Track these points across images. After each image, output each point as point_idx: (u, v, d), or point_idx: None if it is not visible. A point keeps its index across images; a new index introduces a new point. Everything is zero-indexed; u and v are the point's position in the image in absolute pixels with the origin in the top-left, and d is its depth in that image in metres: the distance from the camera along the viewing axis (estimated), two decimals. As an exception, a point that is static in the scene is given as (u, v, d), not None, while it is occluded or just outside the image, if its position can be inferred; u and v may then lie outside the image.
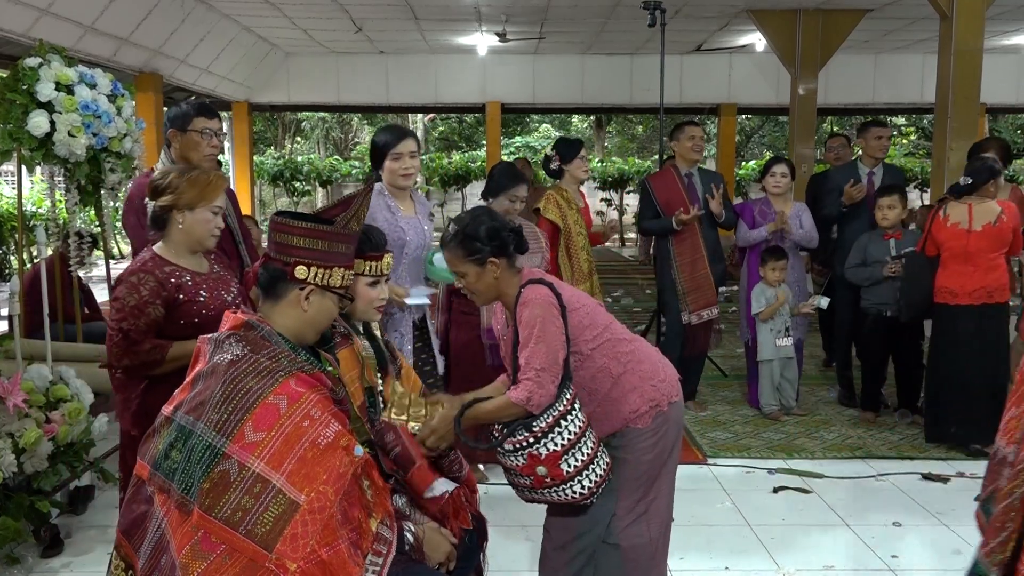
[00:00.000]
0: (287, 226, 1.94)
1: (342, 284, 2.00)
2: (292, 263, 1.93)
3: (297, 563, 1.70)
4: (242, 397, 1.78)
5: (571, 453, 2.32)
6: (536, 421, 2.30)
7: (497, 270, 2.44)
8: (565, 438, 2.31)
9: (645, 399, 2.46)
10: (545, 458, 2.30)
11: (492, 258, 2.42)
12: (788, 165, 5.28)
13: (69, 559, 3.32)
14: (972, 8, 6.36)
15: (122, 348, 2.52)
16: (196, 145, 3.42)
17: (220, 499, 1.73)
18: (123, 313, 2.52)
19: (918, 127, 23.10)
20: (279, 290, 1.95)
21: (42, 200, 11.33)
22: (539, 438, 2.30)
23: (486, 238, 2.42)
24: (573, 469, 2.32)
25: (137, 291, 2.51)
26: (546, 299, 2.39)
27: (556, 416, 2.31)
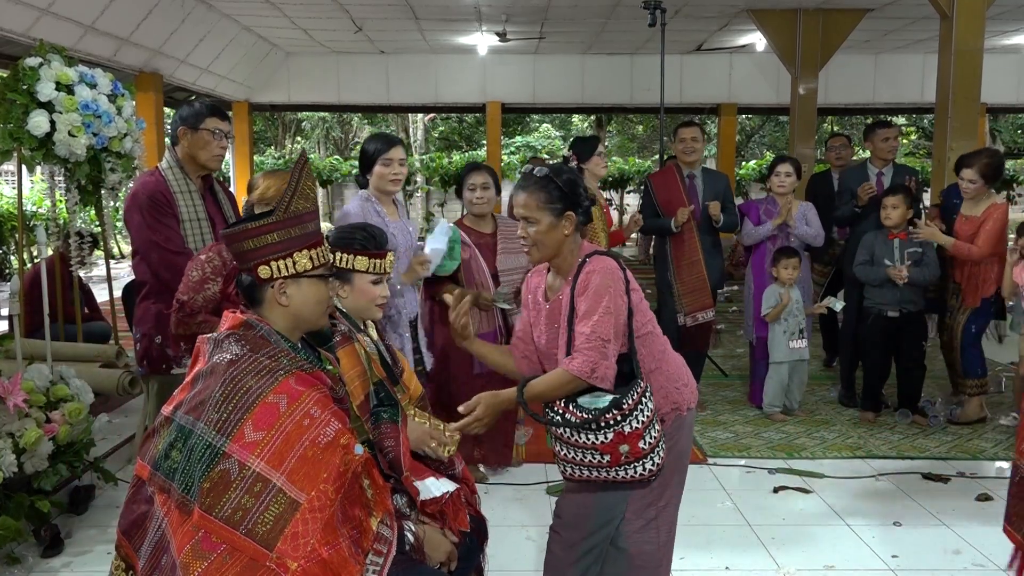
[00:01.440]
0: (234, 235, 1.92)
1: (315, 265, 1.94)
2: (253, 267, 1.92)
3: (298, 562, 1.69)
4: (242, 396, 1.78)
5: (648, 430, 2.27)
6: (625, 398, 2.24)
7: (569, 227, 2.36)
8: (646, 415, 2.26)
9: (668, 400, 2.44)
10: (629, 435, 2.24)
11: (569, 211, 2.35)
12: (793, 164, 5.27)
13: (69, 559, 3.32)
14: (972, 8, 6.36)
15: (178, 318, 2.81)
16: (206, 144, 3.45)
17: (220, 499, 1.72)
18: (186, 286, 2.81)
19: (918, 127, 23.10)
20: (256, 296, 1.95)
21: (42, 200, 11.33)
22: (627, 415, 2.23)
23: (568, 189, 2.36)
24: (648, 446, 2.27)
25: (202, 268, 2.80)
26: (616, 271, 2.33)
27: (640, 392, 2.26)
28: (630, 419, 2.24)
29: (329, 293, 2.01)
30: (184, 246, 3.40)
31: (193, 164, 3.51)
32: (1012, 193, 18.06)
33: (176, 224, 3.41)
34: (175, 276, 3.26)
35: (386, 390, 2.34)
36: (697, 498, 3.87)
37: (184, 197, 3.47)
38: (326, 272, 1.99)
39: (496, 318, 4.02)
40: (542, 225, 2.35)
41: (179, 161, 3.50)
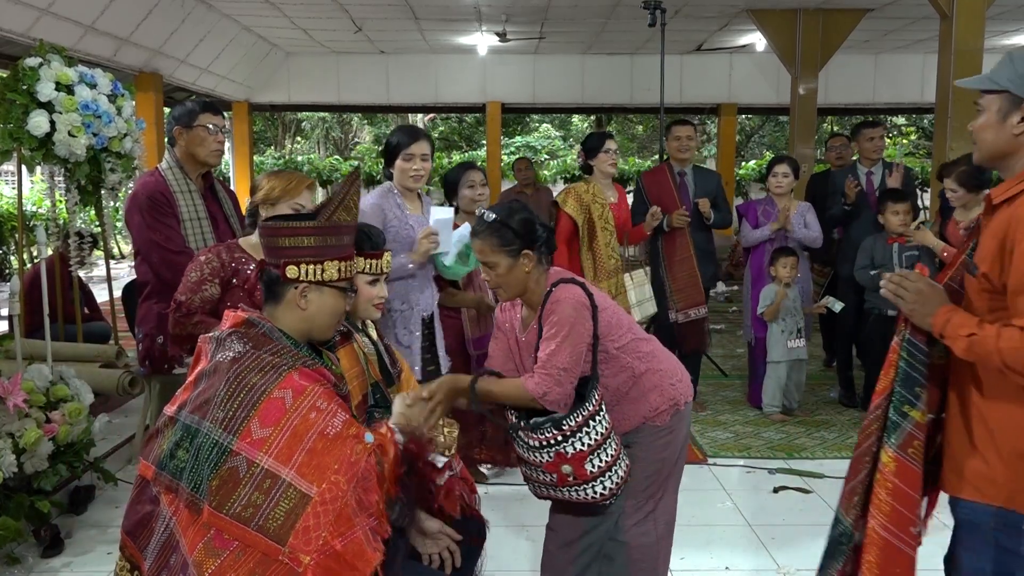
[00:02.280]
0: (274, 228, 1.95)
1: (341, 277, 1.98)
2: (283, 264, 1.93)
3: (311, 555, 1.69)
4: (247, 393, 1.78)
5: (596, 454, 2.31)
6: (566, 419, 2.29)
7: (529, 264, 2.41)
8: (592, 438, 2.31)
9: (665, 397, 2.48)
10: (572, 457, 2.30)
11: (526, 250, 2.40)
12: (791, 164, 5.28)
13: (69, 559, 3.32)
14: (972, 8, 6.36)
15: (175, 318, 2.83)
16: (202, 141, 3.45)
17: (230, 496, 1.73)
18: (184, 287, 2.82)
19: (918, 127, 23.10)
20: (277, 292, 1.96)
21: (42, 200, 11.33)
22: (567, 436, 2.29)
23: (521, 229, 2.40)
24: (597, 470, 2.32)
25: (201, 269, 2.80)
26: (579, 299, 2.38)
27: (585, 416, 2.30)
28: (572, 440, 2.28)
29: (345, 307, 2.03)
30: (185, 246, 3.40)
31: (192, 163, 3.51)
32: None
33: (177, 224, 3.41)
34: (176, 276, 3.26)
35: (381, 392, 2.34)
36: (697, 498, 3.87)
37: (184, 197, 3.47)
38: (348, 287, 2.01)
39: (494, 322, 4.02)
40: (501, 268, 2.41)
41: (178, 161, 3.50)
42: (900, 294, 1.89)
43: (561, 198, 4.63)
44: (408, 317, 3.44)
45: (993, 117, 1.86)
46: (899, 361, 1.91)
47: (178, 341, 2.91)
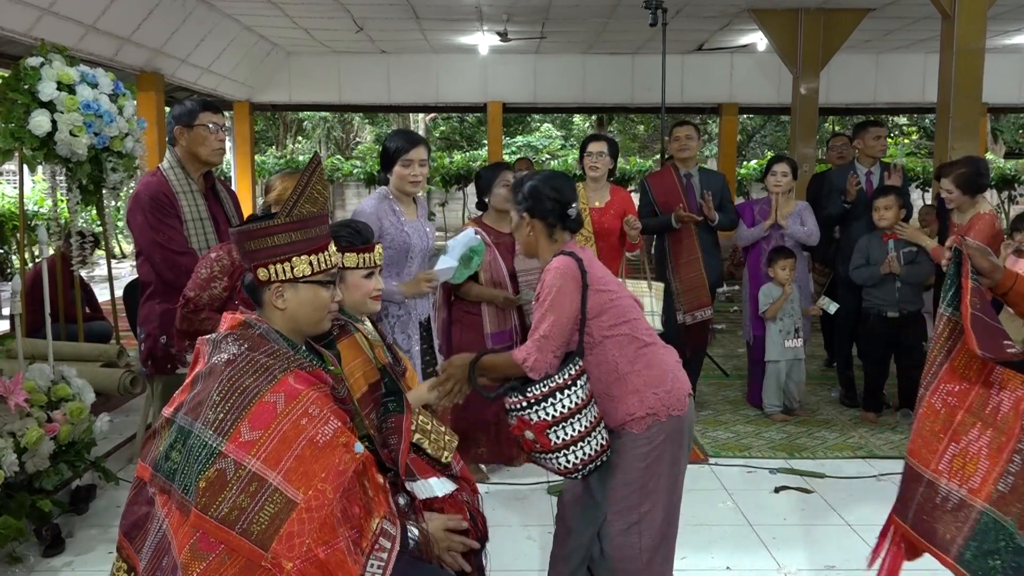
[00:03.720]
0: (238, 235, 1.93)
1: (315, 271, 1.93)
2: (253, 267, 1.92)
3: (293, 562, 1.68)
4: (239, 396, 1.77)
5: (562, 426, 2.36)
6: (531, 388, 2.36)
7: (530, 229, 2.55)
8: (558, 410, 2.35)
9: (644, 405, 2.43)
10: (535, 424, 2.37)
11: (527, 215, 2.54)
12: (789, 164, 5.28)
13: (70, 558, 3.32)
14: (974, 7, 6.35)
15: (182, 314, 2.86)
16: (203, 140, 3.45)
17: (216, 498, 1.72)
18: (194, 283, 2.85)
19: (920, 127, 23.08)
20: (257, 296, 1.96)
21: (43, 199, 11.34)
22: (531, 404, 2.36)
23: (527, 194, 2.53)
24: (561, 441, 2.37)
25: (211, 267, 2.83)
26: (567, 271, 2.43)
27: (552, 387, 2.35)
28: (537, 409, 2.36)
29: (329, 298, 1.99)
30: (187, 246, 3.40)
31: (194, 162, 3.51)
32: (1014, 193, 18.05)
33: (179, 224, 3.42)
34: (179, 276, 3.27)
35: (390, 376, 2.33)
36: (698, 498, 3.87)
37: (186, 197, 3.47)
38: (327, 278, 1.97)
39: (512, 318, 4.03)
40: (513, 223, 2.64)
41: (180, 161, 3.50)
42: None
43: None
44: (406, 322, 3.45)
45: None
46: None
47: (184, 337, 2.94)
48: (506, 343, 3.99)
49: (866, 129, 5.54)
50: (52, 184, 4.67)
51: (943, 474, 2.02)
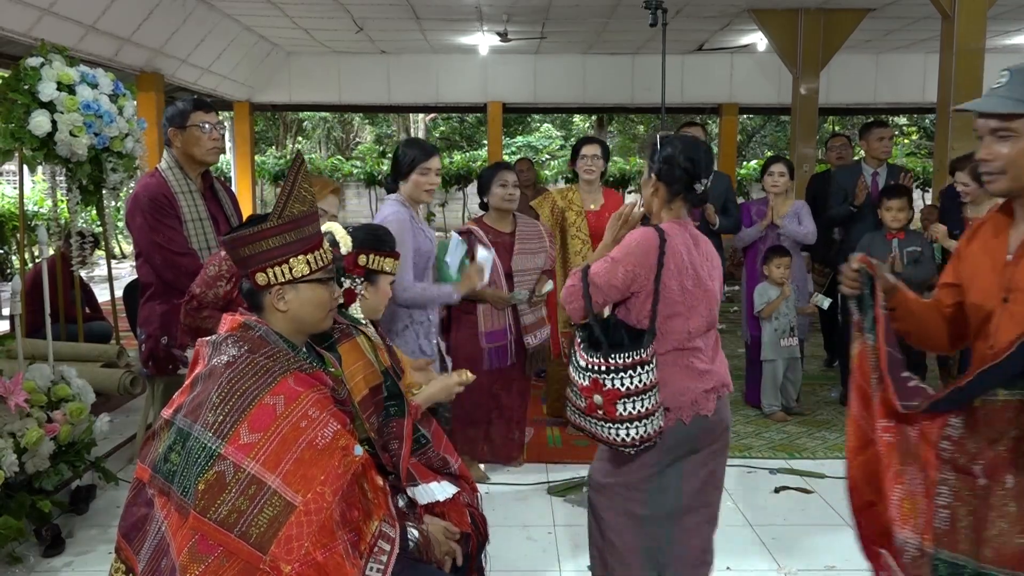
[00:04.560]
0: (231, 242, 1.92)
1: (313, 270, 1.93)
2: (251, 273, 1.91)
3: (291, 565, 1.68)
4: (238, 399, 1.77)
5: (631, 400, 2.33)
6: (615, 354, 2.32)
7: (655, 192, 2.50)
8: (632, 384, 2.32)
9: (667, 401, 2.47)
10: (607, 391, 2.34)
11: (654, 175, 2.49)
12: (787, 164, 5.29)
13: (70, 558, 3.32)
14: (974, 7, 6.35)
15: (186, 309, 2.89)
16: (197, 140, 3.44)
17: (215, 501, 1.72)
18: (201, 279, 2.88)
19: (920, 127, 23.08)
20: (257, 301, 1.95)
21: (43, 200, 11.34)
22: (610, 370, 2.33)
23: (660, 157, 2.48)
24: (627, 414, 2.34)
25: (219, 265, 2.86)
26: (646, 239, 2.40)
27: (634, 361, 2.33)
28: (614, 377, 2.33)
29: (330, 296, 1.98)
30: (187, 247, 3.40)
31: (191, 162, 3.51)
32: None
33: (179, 225, 3.41)
34: (179, 277, 3.27)
35: (392, 379, 2.34)
36: (698, 498, 3.87)
37: (185, 197, 3.47)
38: (325, 275, 1.96)
39: (506, 317, 4.03)
40: (643, 177, 2.60)
41: (177, 161, 3.50)
42: None
43: (537, 202, 4.65)
44: (428, 328, 3.48)
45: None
46: None
47: (188, 332, 2.97)
48: (500, 342, 4.00)
49: (870, 130, 5.56)
50: (52, 184, 4.67)
51: (897, 522, 1.86)
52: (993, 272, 1.84)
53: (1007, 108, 1.75)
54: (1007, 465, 1.69)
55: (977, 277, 1.89)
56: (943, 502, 1.78)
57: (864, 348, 1.96)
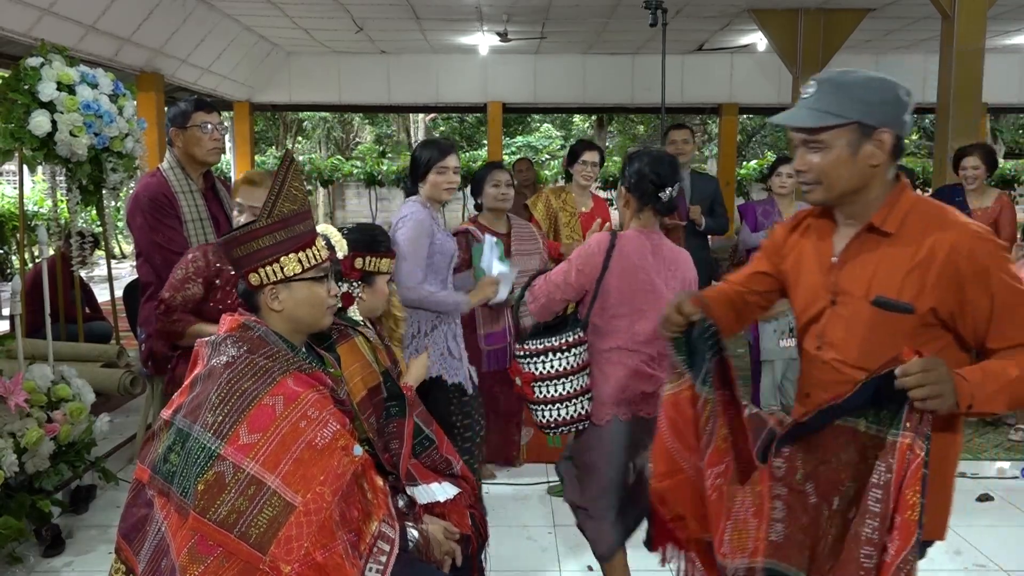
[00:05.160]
0: (225, 243, 1.93)
1: (306, 268, 1.92)
2: (244, 273, 1.92)
3: (291, 566, 1.68)
4: (238, 399, 1.77)
5: (548, 384, 2.61)
6: (530, 341, 2.63)
7: (626, 203, 2.72)
8: (547, 368, 2.60)
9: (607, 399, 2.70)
10: (524, 374, 2.64)
11: (624, 188, 2.72)
12: None
13: (71, 558, 3.32)
14: (974, 7, 6.36)
15: (157, 315, 2.88)
16: (198, 140, 3.45)
17: (215, 501, 1.72)
18: (169, 284, 2.86)
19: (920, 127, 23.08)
20: (253, 302, 1.95)
21: (43, 200, 11.34)
22: (527, 355, 2.63)
23: (630, 172, 2.70)
24: (543, 396, 2.63)
25: (187, 267, 2.83)
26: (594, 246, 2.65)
27: (547, 347, 2.60)
28: (530, 362, 2.63)
29: (325, 293, 1.98)
30: (187, 247, 3.40)
31: (192, 162, 3.51)
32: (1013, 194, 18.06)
33: (179, 225, 3.42)
34: (179, 277, 3.28)
35: (392, 379, 2.34)
36: (698, 498, 3.87)
37: (186, 197, 3.47)
38: (319, 273, 1.96)
39: (505, 318, 4.03)
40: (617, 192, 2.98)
41: (179, 161, 3.50)
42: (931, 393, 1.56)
43: (532, 201, 4.65)
44: (456, 330, 3.40)
45: (843, 153, 1.75)
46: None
47: (163, 337, 2.95)
48: (499, 344, 3.99)
49: None
50: (52, 184, 4.67)
51: (727, 556, 1.82)
52: (820, 272, 1.87)
53: (813, 121, 1.76)
54: (835, 487, 1.72)
55: (804, 275, 1.92)
56: (778, 516, 1.80)
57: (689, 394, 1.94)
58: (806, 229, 1.95)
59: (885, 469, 1.62)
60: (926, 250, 1.72)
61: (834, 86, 1.76)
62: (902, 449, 1.60)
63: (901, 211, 1.78)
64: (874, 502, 1.63)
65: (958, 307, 1.71)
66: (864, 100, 1.74)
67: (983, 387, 1.60)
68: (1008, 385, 1.63)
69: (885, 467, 1.62)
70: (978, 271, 1.69)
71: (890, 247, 1.77)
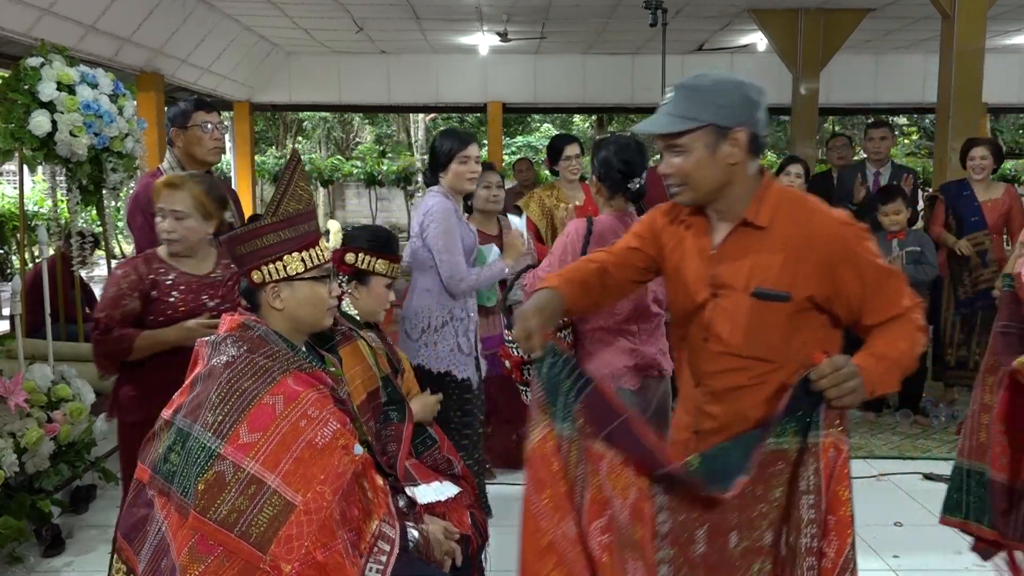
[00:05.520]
0: (230, 240, 1.94)
1: (308, 267, 1.93)
2: (247, 271, 1.92)
3: (292, 565, 1.68)
4: (238, 398, 1.77)
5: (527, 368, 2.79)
6: None
7: (598, 191, 2.85)
8: None
9: None
10: (513, 357, 2.84)
11: (595, 176, 2.84)
12: (803, 166, 5.31)
13: (71, 558, 3.32)
14: (974, 7, 6.35)
15: (94, 337, 2.69)
16: (199, 140, 3.45)
17: (215, 500, 1.72)
18: (102, 303, 2.70)
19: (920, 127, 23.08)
20: (254, 300, 1.95)
21: (43, 200, 11.34)
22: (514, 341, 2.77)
23: (600, 159, 2.81)
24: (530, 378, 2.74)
25: (118, 284, 2.66)
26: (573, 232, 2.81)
27: None
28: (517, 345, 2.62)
29: (327, 294, 1.98)
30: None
31: (193, 162, 3.51)
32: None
33: (178, 225, 3.41)
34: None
35: (392, 385, 2.34)
36: (698, 498, 3.87)
37: (186, 197, 3.46)
38: (321, 273, 1.96)
39: (500, 323, 4.02)
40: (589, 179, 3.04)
41: (179, 161, 3.50)
42: (845, 391, 1.69)
43: (524, 201, 4.65)
44: (467, 325, 3.37)
45: (702, 154, 1.83)
46: None
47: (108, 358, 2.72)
48: (495, 348, 3.98)
49: (867, 131, 5.65)
50: (52, 184, 4.67)
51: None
52: (701, 266, 1.94)
53: (671, 127, 1.85)
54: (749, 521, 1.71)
55: (685, 268, 1.97)
56: None
57: (554, 442, 1.77)
58: (685, 224, 2.00)
59: (812, 473, 1.62)
60: (797, 240, 1.82)
61: (688, 91, 1.86)
62: (825, 449, 1.64)
63: (770, 205, 1.87)
64: (807, 508, 1.63)
65: (832, 290, 1.82)
66: (716, 103, 1.82)
67: (878, 370, 1.73)
68: (896, 362, 1.77)
69: (812, 471, 1.63)
70: (846, 255, 1.81)
71: (764, 240, 1.86)
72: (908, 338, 1.78)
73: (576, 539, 1.77)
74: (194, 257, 2.70)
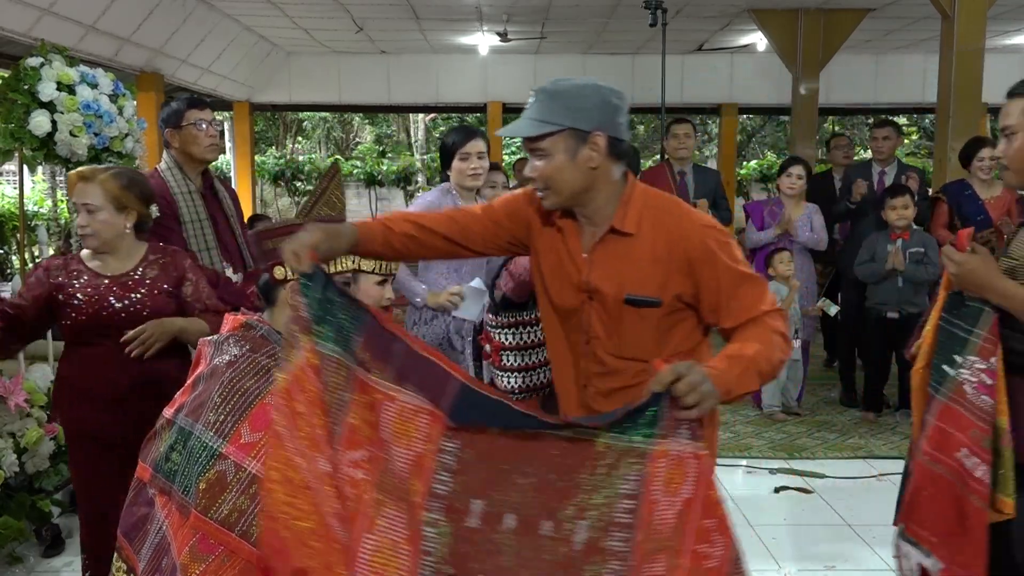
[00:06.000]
0: (259, 235, 1.97)
1: (333, 271, 1.96)
2: (270, 266, 1.94)
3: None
4: (239, 398, 1.78)
5: (513, 353, 2.87)
6: (502, 313, 2.88)
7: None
8: (512, 340, 2.87)
9: None
10: (494, 342, 2.91)
11: None
12: (804, 166, 5.31)
13: (70, 558, 3.33)
14: (974, 7, 6.35)
15: None
16: (195, 138, 3.44)
17: (216, 500, 1.72)
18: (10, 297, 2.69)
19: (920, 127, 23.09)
20: (271, 296, 1.97)
21: (43, 200, 11.33)
22: (497, 326, 2.91)
23: None
24: (506, 363, 2.89)
25: (27, 279, 2.65)
26: None
27: (517, 320, 2.87)
28: (500, 332, 2.89)
29: None
30: (186, 249, 3.39)
31: (190, 161, 3.51)
32: (1014, 192, 18.05)
33: (177, 226, 3.41)
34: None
35: None
36: (698, 498, 3.87)
37: (185, 198, 3.47)
38: (343, 280, 2.00)
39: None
40: None
41: (176, 162, 3.50)
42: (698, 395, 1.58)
43: None
44: (460, 324, 3.37)
45: (563, 158, 1.85)
46: None
47: None
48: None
49: (871, 131, 5.66)
50: (52, 184, 4.67)
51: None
52: (574, 270, 1.97)
53: (532, 130, 1.88)
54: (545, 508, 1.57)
55: (559, 269, 1.99)
56: (429, 548, 1.55)
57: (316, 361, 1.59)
58: (556, 227, 2.00)
59: (635, 476, 1.55)
60: (662, 244, 1.87)
61: (548, 95, 1.89)
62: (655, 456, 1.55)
63: (636, 210, 1.90)
64: (623, 513, 1.55)
65: (695, 291, 1.88)
66: (575, 107, 1.84)
67: (731, 371, 1.70)
68: (751, 363, 1.73)
69: (635, 475, 1.55)
70: (705, 256, 1.85)
71: (632, 246, 1.90)
72: (763, 340, 1.78)
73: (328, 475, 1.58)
74: (113, 254, 2.61)
